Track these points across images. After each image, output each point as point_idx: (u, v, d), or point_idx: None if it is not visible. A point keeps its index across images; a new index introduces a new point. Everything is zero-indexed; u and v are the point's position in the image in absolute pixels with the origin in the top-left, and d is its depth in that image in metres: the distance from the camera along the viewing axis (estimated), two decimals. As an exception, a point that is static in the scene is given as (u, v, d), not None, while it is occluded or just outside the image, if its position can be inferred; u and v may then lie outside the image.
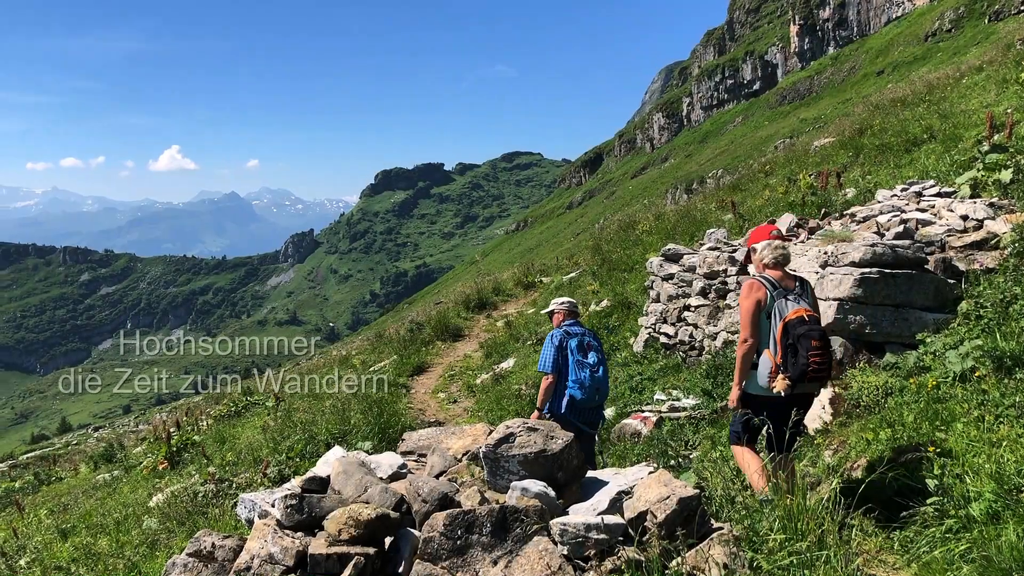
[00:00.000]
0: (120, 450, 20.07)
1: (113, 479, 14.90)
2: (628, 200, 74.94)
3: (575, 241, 55.92)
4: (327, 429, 10.14)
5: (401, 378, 14.96)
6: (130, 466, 15.75)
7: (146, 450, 16.08)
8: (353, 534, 3.78)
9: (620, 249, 18.26)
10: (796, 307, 4.95)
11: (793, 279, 5.19)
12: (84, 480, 17.28)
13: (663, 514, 3.75)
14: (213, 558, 4.02)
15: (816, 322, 4.93)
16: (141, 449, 17.81)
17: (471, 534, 3.75)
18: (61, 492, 16.06)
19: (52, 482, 18.75)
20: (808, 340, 4.81)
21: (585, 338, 6.98)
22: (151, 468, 13.34)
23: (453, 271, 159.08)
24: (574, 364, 6.82)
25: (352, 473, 4.32)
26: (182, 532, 7.85)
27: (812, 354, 4.79)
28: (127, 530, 8.77)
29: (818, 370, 4.80)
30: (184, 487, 9.75)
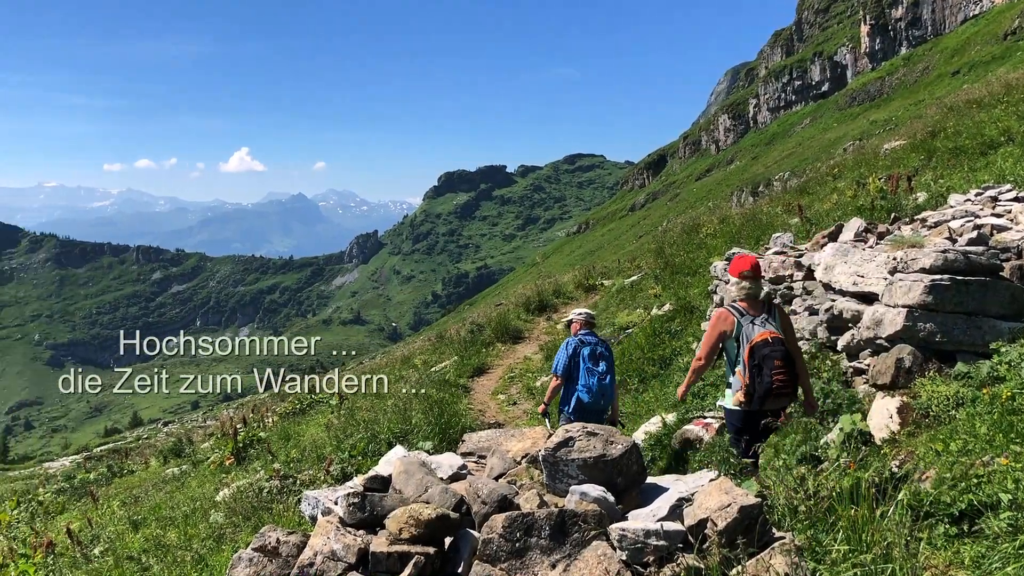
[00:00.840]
0: (188, 445, 20.58)
1: (182, 473, 15.28)
2: (692, 202, 74.21)
3: (637, 244, 55.58)
4: (389, 428, 10.26)
5: (461, 379, 15.05)
6: (198, 461, 16.14)
7: (213, 446, 16.44)
8: (414, 533, 3.83)
9: (683, 252, 18.09)
10: (761, 331, 5.53)
11: (761, 306, 5.75)
12: (154, 473, 17.76)
13: (724, 522, 3.71)
14: (277, 553, 4.11)
15: (780, 343, 5.50)
16: (209, 444, 18.22)
17: (530, 537, 3.77)
18: (132, 484, 16.51)
19: (124, 474, 19.29)
20: (771, 360, 5.42)
21: (597, 347, 7.65)
22: (218, 463, 13.64)
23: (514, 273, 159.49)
24: (584, 370, 7.51)
25: (413, 473, 4.37)
26: (247, 527, 8.01)
27: (775, 372, 5.38)
28: (195, 523, 8.97)
29: (781, 387, 5.41)
30: (250, 483, 9.93)
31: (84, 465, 26.25)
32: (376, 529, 4.09)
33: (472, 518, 4.14)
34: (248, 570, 4.04)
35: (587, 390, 7.48)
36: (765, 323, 5.62)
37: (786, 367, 5.47)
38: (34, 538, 10.15)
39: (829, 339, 7.86)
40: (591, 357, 7.58)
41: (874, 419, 6.21)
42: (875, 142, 28.40)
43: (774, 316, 5.73)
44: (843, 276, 7.66)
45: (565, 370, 7.59)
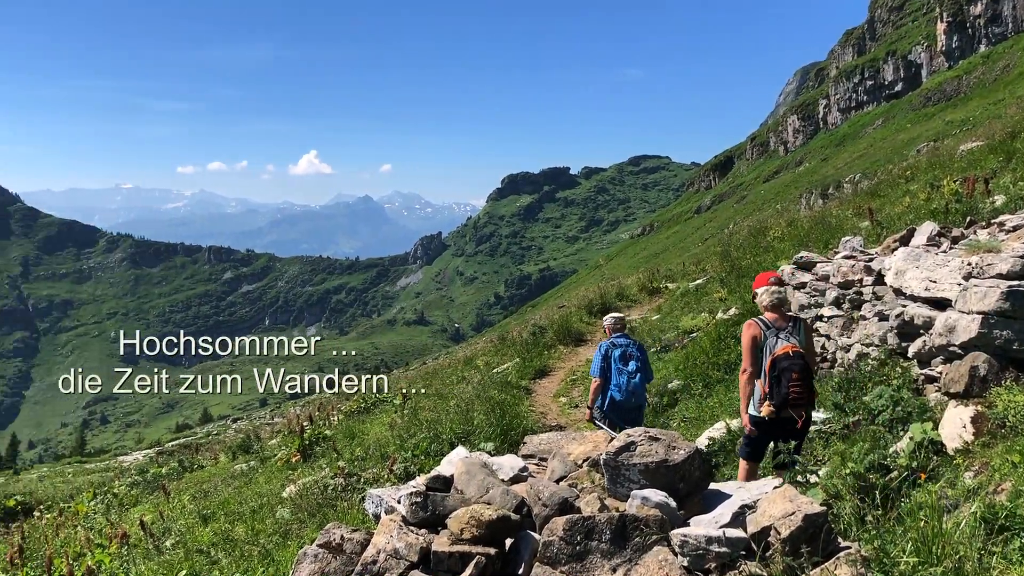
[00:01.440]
0: (256, 441, 21.02)
1: (250, 469, 15.61)
2: (759, 205, 73.09)
3: (703, 247, 54.97)
4: (451, 429, 10.34)
5: (523, 381, 15.08)
6: (265, 457, 16.47)
7: (280, 442, 16.77)
8: (475, 534, 3.86)
9: (750, 256, 17.83)
10: (784, 344, 5.83)
11: (787, 319, 6.03)
12: (223, 469, 18.17)
13: (787, 530, 3.66)
14: (341, 550, 4.18)
15: (800, 357, 5.78)
16: (276, 441, 18.58)
17: (590, 540, 3.77)
18: (202, 479, 16.92)
19: (194, 469, 19.79)
20: (790, 372, 5.71)
21: (628, 349, 8.32)
22: (285, 460, 13.89)
23: (576, 275, 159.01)
24: (615, 371, 8.19)
25: (475, 474, 4.41)
26: (312, 523, 8.15)
27: (792, 385, 5.69)
28: (262, 519, 9.15)
29: (798, 398, 5.73)
30: (315, 480, 10.11)
31: (156, 459, 27.03)
32: (438, 528, 4.14)
33: (533, 520, 4.16)
34: (313, 566, 4.12)
35: (618, 388, 8.12)
36: (789, 336, 5.92)
37: (803, 379, 5.75)
38: (109, 529, 10.50)
39: (899, 345, 7.68)
40: (622, 358, 8.23)
41: (946, 428, 6.04)
42: (951, 143, 27.62)
43: (799, 330, 6.03)
44: (915, 281, 7.47)
45: (600, 370, 8.27)
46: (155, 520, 10.70)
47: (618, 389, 8.16)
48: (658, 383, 12.19)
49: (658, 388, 11.90)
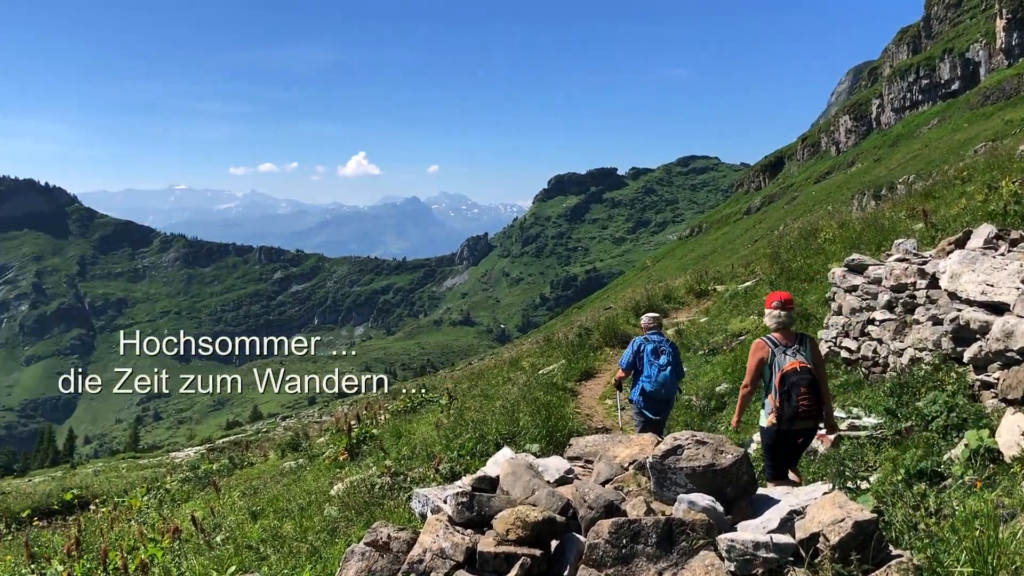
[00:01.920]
0: (305, 439, 21.26)
1: (298, 467, 15.80)
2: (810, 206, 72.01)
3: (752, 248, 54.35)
4: (497, 429, 10.36)
5: (569, 382, 15.06)
6: (314, 455, 16.64)
7: (328, 441, 16.93)
8: (520, 535, 3.87)
9: (800, 258, 17.60)
10: (792, 360, 6.18)
11: (793, 337, 6.36)
12: (272, 466, 18.42)
13: (837, 537, 3.61)
14: (388, 549, 4.22)
15: (808, 372, 6.13)
16: (324, 440, 18.78)
17: (636, 544, 3.75)
18: (252, 476, 17.17)
19: (244, 466, 20.08)
20: (798, 387, 6.07)
21: (661, 345, 8.99)
22: (332, 458, 14.03)
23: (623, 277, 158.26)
24: (647, 363, 8.87)
25: (520, 475, 4.42)
26: (360, 521, 8.23)
27: (801, 398, 6.05)
28: (310, 516, 9.26)
29: (806, 411, 6.08)
30: (362, 478, 10.20)
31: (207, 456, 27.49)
32: (483, 529, 4.16)
33: (578, 522, 4.16)
34: (360, 564, 4.17)
35: (649, 380, 8.82)
36: (796, 353, 6.25)
37: (811, 393, 6.10)
38: (162, 524, 10.70)
39: (954, 350, 7.52)
40: (653, 352, 8.92)
41: (1003, 436, 5.90)
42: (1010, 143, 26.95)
43: (805, 347, 6.34)
44: (971, 285, 7.31)
45: (629, 364, 9.05)
46: (206, 516, 10.88)
47: (649, 380, 8.84)
48: (706, 386, 12.09)
49: (705, 391, 11.81)
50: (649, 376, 8.84)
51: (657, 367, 8.84)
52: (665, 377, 8.81)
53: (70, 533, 10.96)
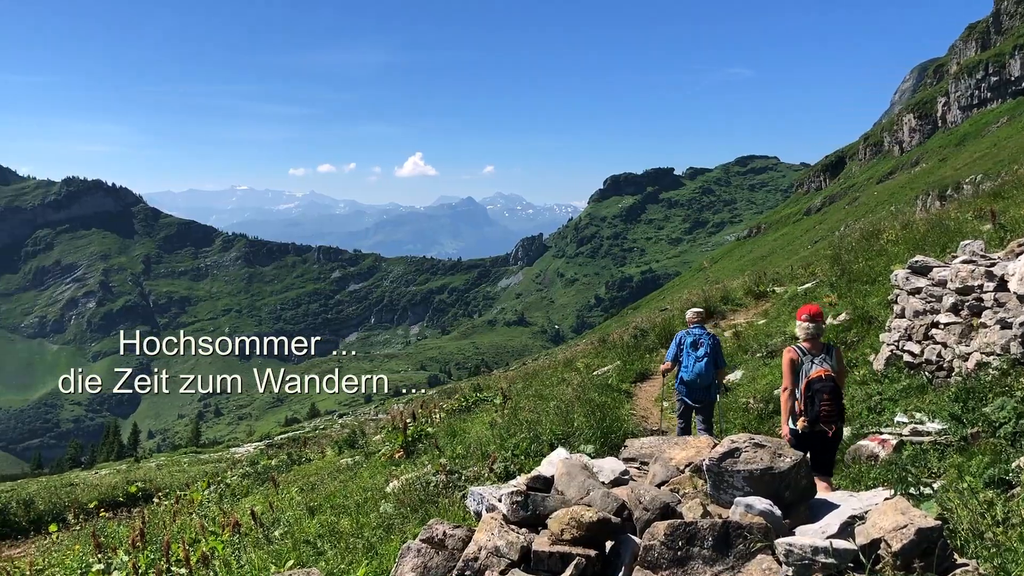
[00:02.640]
0: (362, 437, 21.49)
1: (355, 464, 15.96)
2: (872, 207, 70.56)
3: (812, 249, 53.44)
4: (551, 430, 10.35)
5: (624, 384, 14.97)
6: (370, 453, 16.81)
7: (384, 439, 17.09)
8: (575, 535, 3.87)
9: (862, 259, 17.23)
10: (818, 368, 6.67)
11: (821, 348, 6.86)
12: (329, 463, 18.64)
13: (899, 544, 3.54)
14: (444, 546, 4.26)
15: (831, 380, 6.59)
16: (380, 437, 18.96)
17: (692, 546, 3.72)
18: (310, 472, 17.40)
19: (302, 462, 20.37)
20: (822, 393, 6.54)
21: (701, 338, 9.65)
22: (388, 456, 14.16)
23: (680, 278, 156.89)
24: (686, 354, 9.64)
25: (575, 475, 4.42)
26: (415, 518, 8.28)
27: (823, 404, 6.52)
28: (366, 512, 9.34)
29: (828, 414, 6.53)
30: (417, 476, 10.27)
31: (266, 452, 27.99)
32: (538, 528, 4.17)
33: (633, 524, 4.14)
34: (416, 560, 4.21)
35: (687, 369, 9.60)
36: (823, 362, 6.75)
37: (832, 399, 6.57)
38: (222, 517, 10.93)
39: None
40: (692, 344, 9.63)
41: (1075, 444, 5.72)
42: (1083, 141, 26.04)
43: (831, 356, 6.84)
44: (1041, 288, 7.10)
45: (674, 356, 9.83)
46: (265, 510, 11.06)
47: (687, 370, 9.59)
48: (763, 389, 11.93)
49: (763, 394, 11.65)
50: (687, 366, 9.60)
51: (694, 358, 9.57)
52: (700, 367, 9.51)
53: (135, 525, 11.25)
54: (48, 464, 70.56)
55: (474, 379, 40.93)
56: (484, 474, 9.33)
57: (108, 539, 10.92)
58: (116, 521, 14.30)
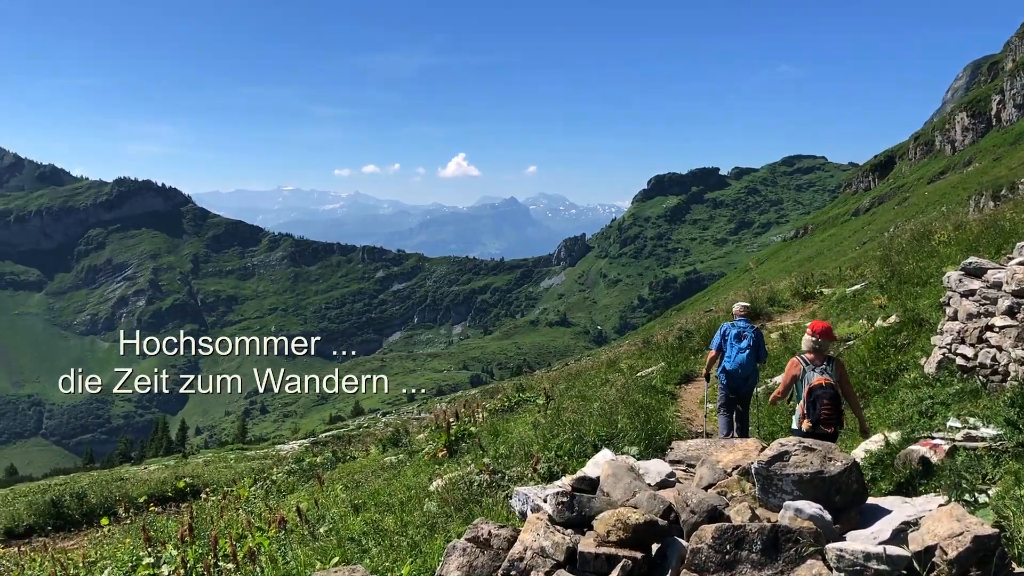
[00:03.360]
0: (405, 435, 21.61)
1: (398, 462, 16.03)
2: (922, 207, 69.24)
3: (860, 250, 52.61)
4: (595, 431, 10.30)
5: (668, 386, 14.86)
6: (413, 451, 16.88)
7: (428, 437, 17.16)
8: (621, 537, 3.85)
9: (912, 261, 16.89)
10: (818, 377, 7.49)
11: (823, 359, 7.70)
12: (373, 461, 18.76)
13: (955, 551, 3.46)
14: (489, 545, 4.26)
15: (831, 387, 7.40)
16: (423, 436, 19.04)
17: (740, 550, 3.68)
18: (354, 470, 17.51)
19: (347, 460, 20.52)
20: (822, 399, 7.33)
21: (744, 330, 10.09)
22: (432, 455, 14.20)
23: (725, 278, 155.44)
24: (729, 345, 10.02)
25: (621, 477, 4.39)
26: (458, 517, 8.29)
27: (823, 408, 7.30)
28: (410, 511, 9.37)
29: (827, 417, 7.27)
30: (461, 475, 10.28)
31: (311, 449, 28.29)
32: (583, 529, 4.15)
33: (680, 526, 4.11)
34: (462, 559, 4.21)
35: (729, 359, 9.97)
36: (824, 372, 7.56)
37: (832, 405, 7.32)
38: (268, 514, 11.06)
39: (1083, 360, 7.10)
40: (736, 336, 10.04)
41: None
42: None
43: (831, 367, 7.68)
44: (1102, 290, 6.90)
45: (718, 346, 10.20)
46: (310, 507, 11.15)
47: (729, 360, 9.97)
48: (810, 392, 11.75)
49: (810, 397, 11.47)
50: (729, 357, 10.00)
51: (737, 349, 9.98)
52: (743, 358, 9.92)
53: (183, 520, 11.44)
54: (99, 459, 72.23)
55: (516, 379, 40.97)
56: (527, 474, 9.31)
57: (157, 533, 11.11)
58: (165, 515, 14.57)
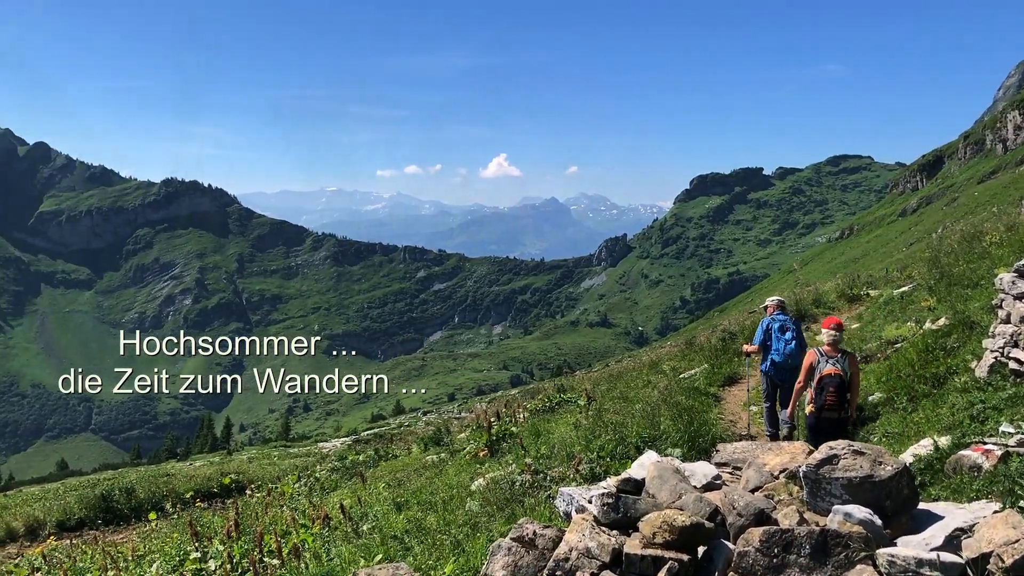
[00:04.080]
0: (446, 435, 21.70)
1: (440, 461, 16.10)
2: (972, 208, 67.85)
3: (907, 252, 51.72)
4: (637, 433, 10.25)
5: (712, 388, 14.72)
6: (455, 450, 16.93)
7: (469, 437, 17.21)
8: (667, 539, 3.83)
9: (962, 262, 16.55)
10: (829, 367, 8.36)
11: (838, 351, 8.54)
12: (415, 459, 18.86)
13: (1011, 558, 3.39)
14: (534, 545, 4.26)
15: (839, 378, 8.33)
16: (464, 435, 19.10)
17: (788, 554, 3.64)
18: (396, 468, 17.63)
19: (389, 458, 20.67)
20: (828, 387, 8.27)
21: (786, 323, 10.65)
22: (473, 454, 14.24)
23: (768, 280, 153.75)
24: (775, 338, 10.55)
25: (667, 479, 4.37)
26: (501, 517, 8.30)
27: (828, 395, 8.26)
28: (452, 510, 9.39)
29: (832, 405, 8.27)
30: (503, 475, 10.29)
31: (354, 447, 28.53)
32: (628, 531, 4.14)
33: (727, 529, 4.07)
34: (507, 559, 4.22)
35: (777, 352, 10.49)
36: (836, 363, 8.42)
37: (837, 393, 8.28)
38: (312, 511, 11.18)
39: None
40: (780, 329, 10.55)
41: None
42: None
43: (844, 359, 8.53)
44: None
45: (761, 341, 10.73)
46: (353, 505, 11.24)
47: (777, 353, 10.49)
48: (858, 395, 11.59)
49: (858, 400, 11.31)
50: (777, 349, 10.49)
51: (783, 341, 10.47)
52: (791, 349, 10.41)
53: (229, 515, 11.60)
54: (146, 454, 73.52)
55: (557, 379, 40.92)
56: (569, 475, 9.29)
57: (204, 529, 11.29)
58: (211, 511, 14.78)
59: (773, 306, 11.15)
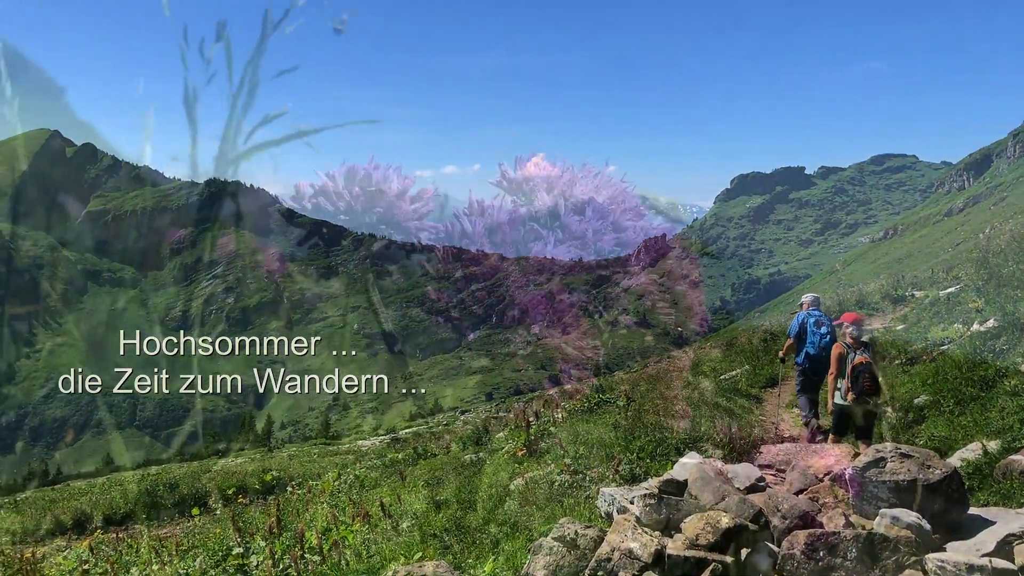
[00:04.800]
0: (485, 434, 21.71)
1: (479, 460, 16.13)
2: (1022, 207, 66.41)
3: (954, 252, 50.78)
4: (677, 434, 10.19)
5: (753, 389, 14.60)
6: (493, 450, 16.95)
7: (507, 436, 17.19)
8: (710, 540, 3.80)
9: (1012, 263, 16.23)
10: (860, 357, 9.08)
11: (860, 344, 9.26)
12: (454, 458, 18.89)
13: (1066, 567, 3.30)
14: (575, 545, 4.25)
15: (870, 364, 9.01)
16: (503, 435, 19.09)
17: (834, 557, 3.59)
18: (435, 467, 17.67)
19: (428, 457, 20.74)
20: (864, 374, 8.93)
21: (821, 318, 10.99)
22: (511, 454, 14.23)
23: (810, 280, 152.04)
24: (811, 332, 10.92)
25: (710, 480, 4.33)
26: (540, 516, 8.29)
27: (865, 381, 8.87)
28: (491, 509, 9.42)
29: (868, 390, 8.88)
30: (542, 474, 10.28)
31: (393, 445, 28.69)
32: (671, 532, 4.11)
33: (770, 532, 4.03)
34: (548, 558, 4.22)
35: (813, 345, 10.85)
36: (863, 352, 9.15)
37: (872, 379, 8.91)
38: (352, 508, 11.26)
39: None
40: (815, 324, 10.93)
41: None
42: None
43: (869, 349, 9.30)
44: None
45: (796, 334, 11.12)
46: (393, 503, 11.31)
47: (812, 346, 10.85)
48: (902, 397, 11.43)
49: (903, 403, 11.15)
50: (812, 343, 10.85)
51: (819, 335, 10.81)
52: (826, 342, 10.68)
53: (271, 512, 11.73)
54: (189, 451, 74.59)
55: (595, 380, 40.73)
56: (608, 475, 9.25)
57: (246, 524, 11.42)
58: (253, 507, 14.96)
59: (809, 302, 11.51)
